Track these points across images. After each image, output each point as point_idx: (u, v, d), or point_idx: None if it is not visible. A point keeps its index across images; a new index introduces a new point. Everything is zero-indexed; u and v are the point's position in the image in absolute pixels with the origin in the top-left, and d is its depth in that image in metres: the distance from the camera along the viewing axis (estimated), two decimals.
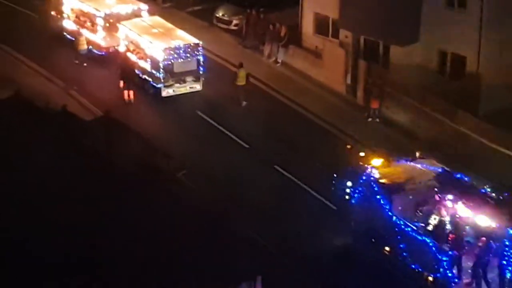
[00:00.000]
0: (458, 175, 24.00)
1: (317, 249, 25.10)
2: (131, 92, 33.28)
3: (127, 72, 33.50)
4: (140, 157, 27.99)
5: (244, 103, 33.36)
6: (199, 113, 32.65)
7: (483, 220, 22.03)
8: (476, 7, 30.06)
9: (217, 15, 39.35)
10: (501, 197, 22.58)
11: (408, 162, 25.00)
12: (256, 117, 32.43)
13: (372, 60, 33.39)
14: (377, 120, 31.92)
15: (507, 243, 21.19)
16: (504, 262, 21.30)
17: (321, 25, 35.75)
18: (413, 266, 23.29)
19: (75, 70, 35.37)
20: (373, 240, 24.30)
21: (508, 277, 21.09)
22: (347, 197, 25.25)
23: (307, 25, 36.22)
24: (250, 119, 32.39)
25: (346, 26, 33.88)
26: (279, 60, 36.23)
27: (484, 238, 22.04)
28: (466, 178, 23.93)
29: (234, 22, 38.84)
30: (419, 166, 24.79)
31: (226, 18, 39.10)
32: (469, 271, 22.39)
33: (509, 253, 21.10)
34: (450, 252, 22.37)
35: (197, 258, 22.35)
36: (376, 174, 24.57)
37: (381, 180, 24.36)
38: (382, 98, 31.98)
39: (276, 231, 25.59)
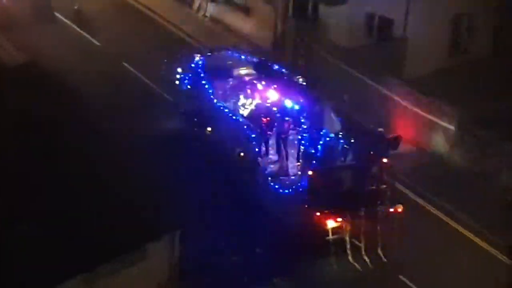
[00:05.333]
0: (275, 66, 26.94)
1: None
2: None
3: None
4: None
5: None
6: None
7: (289, 102, 25.08)
8: None
9: None
10: (305, 83, 25.75)
11: (230, 52, 27.78)
12: None
13: (301, 19, 33.39)
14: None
15: (303, 120, 24.32)
16: (300, 137, 24.46)
17: None
18: (228, 143, 26.20)
19: None
20: (196, 120, 27.15)
21: (302, 149, 24.31)
22: (176, 82, 27.94)
23: None
24: None
25: None
26: (207, 15, 36.41)
27: (288, 118, 25.11)
28: (281, 69, 26.87)
29: None
30: (240, 56, 27.62)
31: None
32: (273, 147, 25.46)
33: (304, 130, 24.27)
34: (259, 131, 25.32)
35: None
36: (202, 61, 27.30)
37: (206, 67, 27.08)
38: (308, 56, 32.31)
39: None
